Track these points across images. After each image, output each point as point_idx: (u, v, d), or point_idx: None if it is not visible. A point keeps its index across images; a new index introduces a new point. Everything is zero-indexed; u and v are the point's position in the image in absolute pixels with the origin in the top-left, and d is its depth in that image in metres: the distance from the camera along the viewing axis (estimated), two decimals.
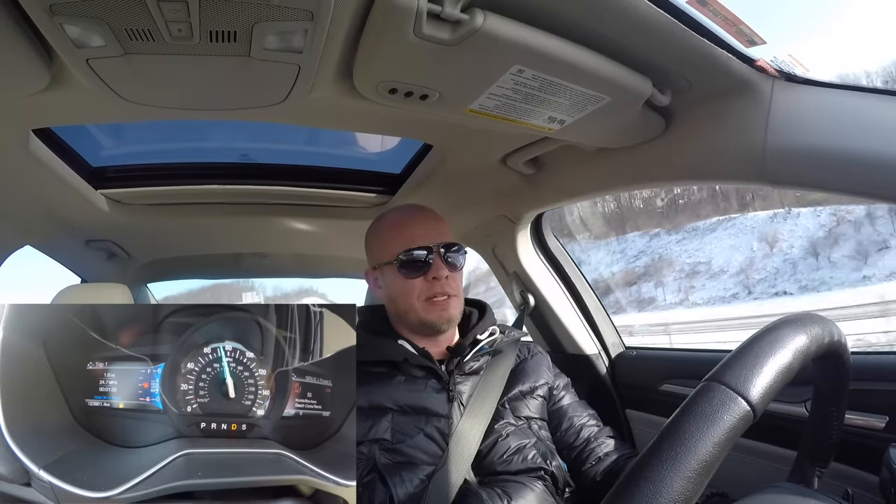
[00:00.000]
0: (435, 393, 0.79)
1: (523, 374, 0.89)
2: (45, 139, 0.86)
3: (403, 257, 0.82)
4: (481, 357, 0.85)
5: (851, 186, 0.59)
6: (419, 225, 0.84)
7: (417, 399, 0.78)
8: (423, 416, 0.77)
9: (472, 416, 0.79)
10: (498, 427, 0.80)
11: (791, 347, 0.36)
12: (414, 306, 0.82)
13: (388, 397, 0.77)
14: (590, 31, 0.55)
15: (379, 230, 0.89)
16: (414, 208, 0.90)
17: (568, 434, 0.86)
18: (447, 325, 0.84)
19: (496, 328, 0.89)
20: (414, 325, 0.84)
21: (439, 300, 0.82)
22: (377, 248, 0.88)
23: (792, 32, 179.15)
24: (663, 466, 0.30)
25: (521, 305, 1.31)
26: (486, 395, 0.82)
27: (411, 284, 0.82)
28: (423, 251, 0.82)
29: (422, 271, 0.82)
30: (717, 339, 11.01)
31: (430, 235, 0.83)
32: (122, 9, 0.44)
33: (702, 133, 0.72)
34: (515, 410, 0.83)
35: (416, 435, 0.75)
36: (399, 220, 0.87)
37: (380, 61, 0.56)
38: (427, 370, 0.81)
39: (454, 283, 0.84)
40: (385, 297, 0.88)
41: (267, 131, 1.13)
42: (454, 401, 0.79)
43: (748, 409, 0.32)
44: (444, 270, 0.82)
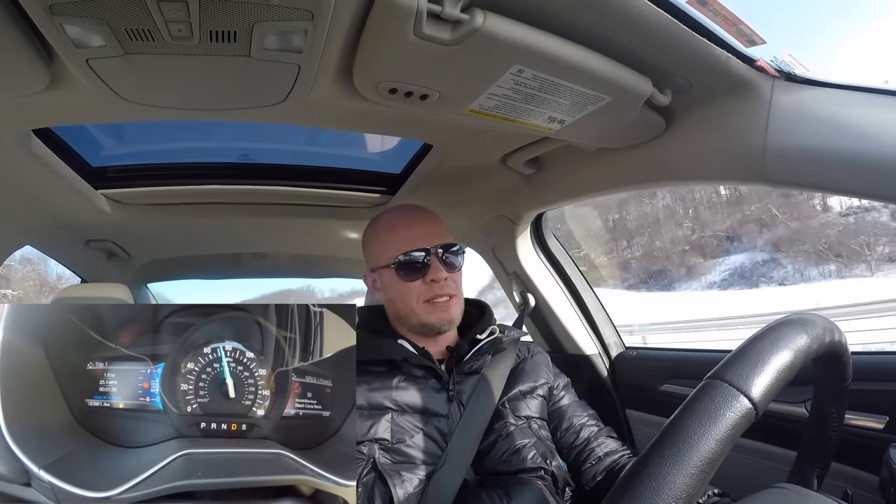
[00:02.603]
0: (435, 392, 0.79)
1: (523, 374, 0.89)
2: (45, 139, 0.86)
3: (401, 259, 0.81)
4: (481, 357, 0.85)
5: (851, 186, 0.59)
6: (416, 226, 0.84)
7: (417, 399, 0.78)
8: (423, 416, 0.77)
9: (471, 416, 0.79)
10: (498, 427, 0.80)
11: (792, 346, 0.37)
12: (414, 309, 0.82)
13: (388, 397, 0.77)
14: (590, 31, 0.55)
15: (375, 232, 0.88)
16: (410, 209, 0.89)
17: (568, 434, 0.86)
18: (448, 327, 0.84)
19: (496, 328, 0.89)
20: (414, 327, 0.84)
21: (439, 302, 0.82)
22: (374, 251, 0.87)
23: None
24: (666, 463, 0.30)
25: (521, 305, 1.31)
26: (486, 394, 0.82)
27: (410, 287, 0.82)
28: (421, 253, 0.81)
29: (420, 273, 0.81)
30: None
31: (428, 237, 0.82)
32: (122, 9, 0.44)
33: (702, 133, 0.72)
34: (515, 410, 0.83)
35: (416, 434, 0.75)
36: (395, 222, 0.86)
37: (380, 61, 0.56)
38: (427, 370, 0.81)
39: (454, 284, 0.83)
40: (384, 300, 0.88)
41: (267, 131, 1.13)
42: (454, 400, 0.79)
43: (750, 407, 0.33)
44: (442, 272, 0.81)
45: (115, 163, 1.09)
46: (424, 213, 0.87)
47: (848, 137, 0.57)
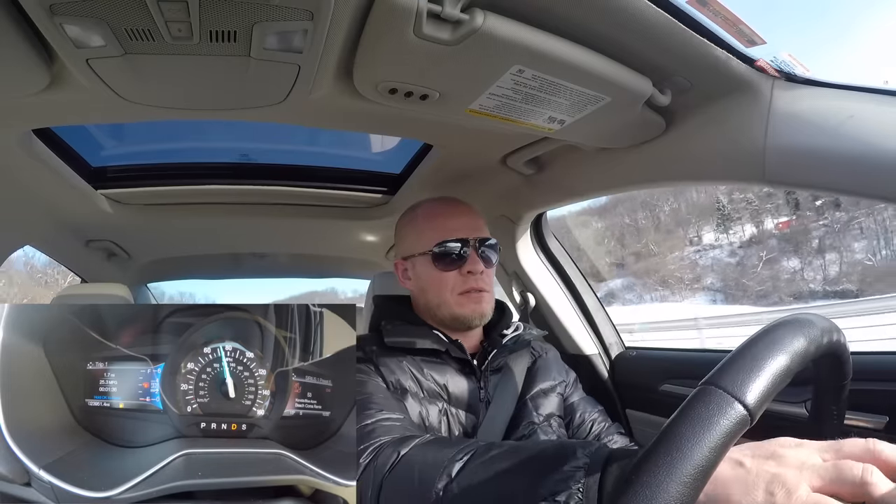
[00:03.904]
0: (469, 387, 0.78)
1: (541, 372, 0.88)
2: (45, 139, 0.86)
3: (438, 249, 0.80)
4: (502, 354, 0.85)
5: (851, 186, 0.59)
6: (456, 217, 0.83)
7: (461, 391, 0.77)
8: (463, 411, 0.76)
9: (496, 413, 0.78)
10: (523, 425, 0.79)
11: (789, 350, 0.36)
12: (447, 300, 0.81)
13: (442, 386, 0.76)
14: (590, 31, 0.55)
15: (413, 220, 0.87)
16: (451, 200, 0.87)
17: (580, 430, 0.86)
18: (479, 321, 0.82)
19: (519, 325, 0.88)
20: (445, 319, 0.82)
21: (473, 295, 0.81)
22: (410, 238, 0.86)
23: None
24: (660, 471, 0.30)
25: (521, 305, 1.31)
26: (509, 391, 0.81)
27: (445, 277, 0.80)
28: (459, 244, 0.80)
29: (456, 264, 0.80)
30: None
31: (467, 229, 0.82)
32: (122, 9, 0.44)
33: (702, 133, 0.72)
34: (538, 408, 0.83)
35: (456, 427, 0.75)
36: (435, 211, 0.85)
37: (380, 61, 0.56)
38: (462, 363, 0.80)
39: (487, 279, 0.83)
40: (415, 289, 0.87)
41: (267, 131, 1.13)
42: (483, 400, 0.79)
43: (745, 413, 0.32)
44: (479, 265, 0.80)
45: (115, 163, 1.09)
46: (465, 206, 0.86)
47: (848, 137, 0.57)
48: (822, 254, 35.86)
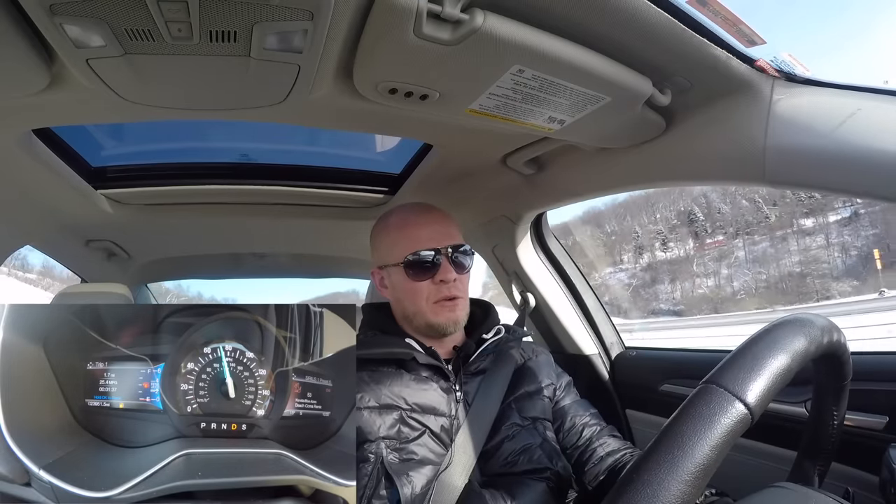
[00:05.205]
0: (442, 392, 0.79)
1: (528, 375, 0.88)
2: (45, 139, 0.86)
3: (411, 258, 0.80)
4: (486, 357, 0.85)
5: (851, 186, 0.59)
6: (427, 226, 0.83)
7: (425, 398, 0.77)
8: (431, 416, 0.77)
9: (477, 416, 0.79)
10: (505, 427, 0.79)
11: (789, 350, 0.36)
12: (422, 309, 0.81)
13: (398, 396, 0.76)
14: (590, 31, 0.55)
15: (385, 229, 0.87)
16: (421, 208, 0.87)
17: (570, 434, 0.86)
18: (454, 328, 0.83)
19: (501, 328, 0.88)
20: (421, 327, 0.83)
21: (447, 303, 0.81)
22: (383, 249, 0.86)
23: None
24: (661, 470, 0.30)
25: (521, 305, 1.31)
26: (491, 394, 0.82)
27: (419, 287, 0.81)
28: (431, 252, 0.80)
29: (429, 273, 0.80)
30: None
31: (438, 237, 0.82)
32: (122, 9, 0.44)
33: (702, 133, 0.72)
34: (522, 411, 0.83)
35: (423, 434, 0.75)
36: (406, 220, 0.84)
37: (380, 61, 0.56)
38: (434, 370, 0.80)
39: (462, 286, 0.83)
40: (391, 298, 0.87)
41: (267, 131, 1.13)
42: (460, 401, 0.79)
43: (746, 412, 0.32)
44: (451, 273, 0.80)
45: (115, 163, 1.09)
46: (435, 213, 0.86)
47: (848, 137, 0.57)
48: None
